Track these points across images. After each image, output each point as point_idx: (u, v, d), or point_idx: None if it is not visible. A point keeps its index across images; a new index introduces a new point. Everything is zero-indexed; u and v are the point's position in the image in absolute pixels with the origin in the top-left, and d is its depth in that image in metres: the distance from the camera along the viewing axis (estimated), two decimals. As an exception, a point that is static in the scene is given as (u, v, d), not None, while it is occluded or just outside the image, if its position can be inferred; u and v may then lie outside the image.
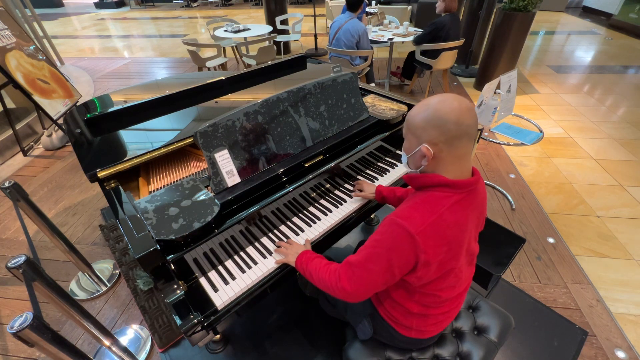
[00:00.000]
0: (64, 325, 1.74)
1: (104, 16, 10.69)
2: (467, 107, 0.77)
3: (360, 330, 1.13)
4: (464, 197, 0.82)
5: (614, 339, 1.60)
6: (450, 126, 0.75)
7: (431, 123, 0.77)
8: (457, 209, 0.80)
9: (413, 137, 0.83)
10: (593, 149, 3.05)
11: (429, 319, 0.98)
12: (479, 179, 0.85)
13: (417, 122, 0.80)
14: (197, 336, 1.00)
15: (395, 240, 0.80)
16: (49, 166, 3.06)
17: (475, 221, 0.89)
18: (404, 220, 0.78)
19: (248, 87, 1.80)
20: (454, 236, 0.81)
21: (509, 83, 2.16)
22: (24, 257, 1.03)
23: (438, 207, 0.79)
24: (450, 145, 0.78)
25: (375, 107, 1.64)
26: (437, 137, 0.77)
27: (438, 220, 0.78)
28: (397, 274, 0.83)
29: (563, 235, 2.16)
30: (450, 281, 0.90)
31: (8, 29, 3.14)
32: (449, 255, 0.82)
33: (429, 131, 0.78)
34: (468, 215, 0.84)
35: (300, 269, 1.04)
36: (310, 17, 7.87)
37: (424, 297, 0.93)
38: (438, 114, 0.76)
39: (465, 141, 0.78)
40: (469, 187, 0.82)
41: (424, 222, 0.78)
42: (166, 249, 0.97)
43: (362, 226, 2.26)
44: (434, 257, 0.80)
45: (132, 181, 1.36)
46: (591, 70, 4.85)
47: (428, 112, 0.78)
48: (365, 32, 3.45)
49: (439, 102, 0.78)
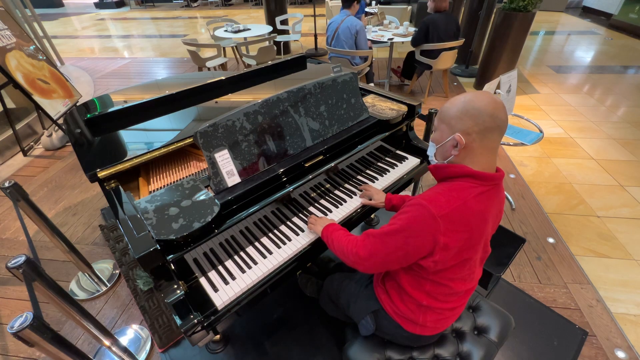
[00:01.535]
0: (64, 325, 1.74)
1: (104, 16, 10.69)
2: (501, 103, 0.80)
3: (363, 326, 1.13)
4: (488, 189, 0.84)
5: (614, 339, 1.60)
6: (486, 117, 0.78)
7: (468, 113, 0.80)
8: (481, 199, 0.83)
9: (447, 127, 0.85)
10: (593, 149, 3.05)
11: (434, 314, 0.98)
12: (502, 176, 0.87)
13: (453, 112, 0.83)
14: (197, 336, 1.00)
15: (417, 220, 0.82)
16: (49, 166, 3.06)
17: (494, 218, 0.90)
18: (428, 202, 0.81)
19: (248, 87, 1.80)
20: (477, 225, 0.83)
21: (509, 83, 2.16)
22: (24, 257, 1.03)
23: (464, 194, 0.82)
24: (482, 137, 0.80)
25: (375, 107, 1.64)
26: (472, 127, 0.80)
27: (463, 206, 0.80)
28: (411, 254, 0.85)
29: (563, 235, 2.16)
30: (464, 272, 0.91)
31: (8, 29, 3.14)
32: (468, 244, 0.84)
33: (464, 120, 0.80)
34: (490, 209, 0.85)
35: (325, 237, 1.12)
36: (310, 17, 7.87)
37: (434, 287, 0.93)
38: (474, 105, 0.79)
39: (496, 134, 0.80)
40: (494, 180, 0.84)
41: (450, 206, 0.80)
42: (166, 249, 0.97)
43: (362, 226, 2.27)
44: (454, 242, 0.81)
45: (132, 181, 1.36)
46: (591, 70, 4.85)
47: (464, 104, 0.81)
48: (363, 28, 3.46)
49: (475, 95, 0.81)
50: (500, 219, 0.97)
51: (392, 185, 1.51)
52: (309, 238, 1.23)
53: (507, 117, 0.82)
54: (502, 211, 0.95)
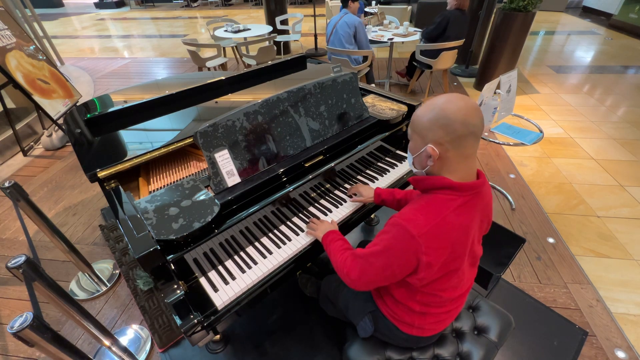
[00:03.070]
0: (64, 325, 1.74)
1: (104, 16, 10.69)
2: (473, 107, 0.76)
3: (361, 327, 1.13)
4: (468, 199, 0.82)
5: (614, 339, 1.60)
6: (457, 126, 0.75)
7: (437, 123, 0.77)
8: (461, 211, 0.81)
9: (419, 137, 0.83)
10: (593, 149, 3.05)
11: (430, 317, 0.98)
12: (485, 182, 0.85)
13: (423, 122, 0.80)
14: (197, 336, 1.00)
15: (397, 241, 0.81)
16: (49, 166, 3.06)
17: (480, 224, 0.89)
18: (406, 222, 0.79)
19: (248, 87, 1.80)
20: (458, 238, 0.81)
21: (509, 83, 2.16)
22: (24, 257, 1.03)
23: (442, 209, 0.79)
24: (456, 145, 0.77)
25: (375, 107, 1.64)
26: (443, 137, 0.77)
27: (442, 222, 0.78)
28: (397, 273, 0.85)
29: (563, 235, 2.16)
30: (452, 282, 0.90)
31: (8, 29, 3.14)
32: (452, 257, 0.83)
33: (435, 131, 0.78)
34: (473, 218, 0.84)
35: (324, 245, 1.12)
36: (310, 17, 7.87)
37: (425, 297, 0.93)
38: (444, 114, 0.76)
39: (471, 141, 0.77)
40: (474, 189, 0.82)
41: (428, 224, 0.78)
42: (166, 249, 0.97)
43: (362, 226, 2.26)
44: (437, 259, 0.80)
45: (132, 181, 1.36)
46: (591, 70, 4.85)
47: (434, 112, 0.78)
48: (361, 24, 3.47)
49: (445, 102, 0.77)
50: (490, 219, 0.96)
51: (392, 185, 1.51)
52: (309, 238, 1.23)
53: (482, 121, 0.78)
54: (490, 212, 0.93)
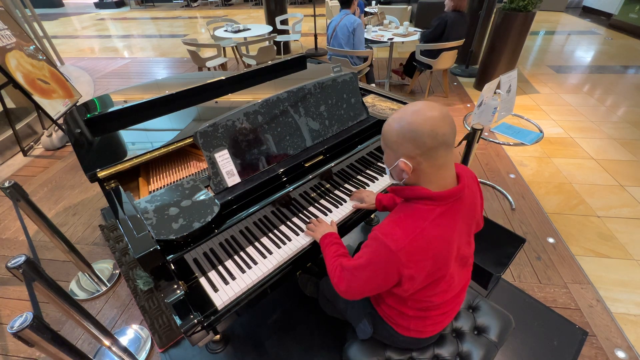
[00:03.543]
0: (64, 325, 1.74)
1: (104, 16, 10.69)
2: (441, 116, 0.74)
3: (360, 330, 1.13)
4: (447, 208, 0.80)
5: (614, 339, 1.60)
6: (425, 139, 0.73)
7: (406, 137, 0.75)
8: (440, 221, 0.79)
9: (390, 151, 0.81)
10: (593, 149, 3.05)
11: (427, 320, 0.98)
12: (464, 187, 0.82)
13: (392, 136, 0.79)
14: (197, 336, 1.00)
15: (378, 256, 0.80)
16: (49, 166, 3.06)
17: (465, 227, 0.87)
18: (385, 237, 0.78)
19: (248, 87, 1.81)
20: (438, 250, 0.80)
21: (509, 83, 2.16)
22: (24, 257, 1.03)
23: (421, 221, 0.78)
24: (428, 157, 0.76)
25: (375, 107, 1.64)
26: (413, 151, 0.75)
27: (419, 236, 0.77)
28: (382, 286, 0.85)
29: (563, 235, 2.16)
30: (441, 287, 0.89)
31: (8, 29, 3.14)
32: (435, 267, 0.81)
33: (404, 145, 0.76)
34: (454, 226, 0.82)
35: (321, 248, 1.11)
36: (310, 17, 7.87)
37: (416, 303, 0.93)
38: (412, 127, 0.74)
39: (442, 151, 0.75)
40: (452, 197, 0.80)
41: (406, 237, 0.77)
42: (166, 249, 0.97)
43: (362, 226, 2.26)
44: (418, 272, 0.79)
45: (132, 181, 1.36)
46: (591, 70, 4.85)
47: (401, 126, 0.76)
48: (361, 25, 3.46)
49: (412, 114, 0.75)
50: (479, 218, 0.93)
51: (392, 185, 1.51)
52: (309, 238, 1.23)
53: (453, 128, 0.75)
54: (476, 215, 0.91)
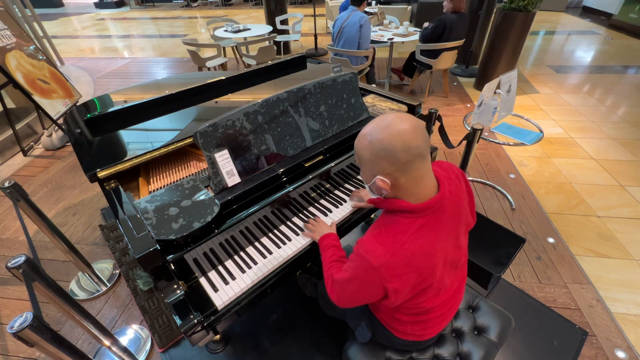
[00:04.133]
0: (64, 325, 1.74)
1: (104, 16, 10.69)
2: (412, 127, 0.72)
3: (359, 333, 1.13)
4: (428, 219, 0.79)
5: (614, 339, 1.60)
6: (399, 154, 0.72)
7: (379, 155, 0.74)
8: (421, 234, 0.78)
9: (366, 169, 0.81)
10: (593, 149, 3.05)
11: (423, 324, 0.98)
12: (445, 193, 0.80)
13: (365, 156, 0.78)
14: (197, 336, 1.00)
15: (361, 272, 0.80)
16: (49, 166, 3.06)
17: (452, 233, 0.86)
18: (367, 254, 0.77)
19: (248, 87, 1.80)
20: (421, 262, 0.78)
21: (509, 83, 2.16)
22: (24, 257, 1.03)
23: (400, 235, 0.77)
24: (404, 172, 0.75)
25: (375, 107, 1.64)
26: (388, 167, 0.74)
27: (400, 250, 0.76)
28: (369, 299, 0.86)
29: (563, 235, 2.16)
30: (429, 294, 0.88)
31: (8, 29, 3.14)
32: (419, 279, 0.80)
33: (379, 163, 0.75)
34: (437, 236, 0.80)
35: (320, 249, 1.11)
36: (310, 17, 7.87)
37: (409, 310, 0.93)
38: (383, 145, 0.72)
39: (418, 163, 0.74)
40: (432, 208, 0.78)
41: (386, 253, 0.75)
42: (166, 249, 0.97)
43: (362, 226, 2.26)
44: (402, 285, 0.78)
45: (132, 181, 1.36)
46: (591, 70, 4.85)
47: (373, 145, 0.74)
48: (368, 21, 3.47)
49: (382, 130, 0.73)
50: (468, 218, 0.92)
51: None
52: (309, 238, 1.23)
53: (425, 139, 0.74)
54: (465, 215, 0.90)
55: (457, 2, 3.53)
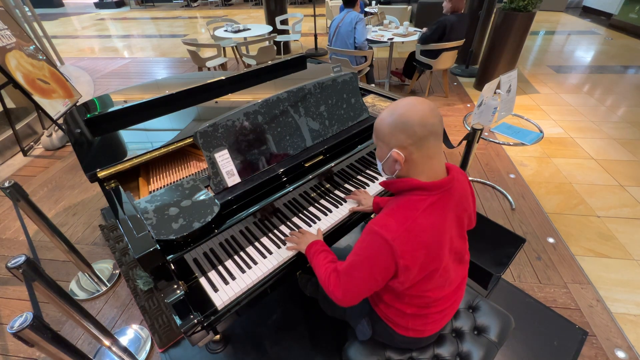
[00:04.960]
0: (64, 325, 1.74)
1: (104, 16, 10.69)
2: (429, 108, 0.79)
3: (360, 331, 1.13)
4: (439, 197, 0.82)
5: (614, 339, 1.60)
6: (416, 128, 0.77)
7: (397, 128, 0.79)
8: (432, 211, 0.81)
9: (383, 144, 0.85)
10: (593, 149, 3.05)
11: (425, 319, 0.99)
12: (454, 177, 0.85)
13: (384, 129, 0.82)
14: (197, 336, 1.00)
15: (374, 248, 0.82)
16: (49, 166, 3.06)
17: (456, 219, 0.89)
18: (380, 228, 0.81)
19: (248, 87, 1.80)
20: (431, 239, 0.82)
21: (509, 83, 2.16)
22: (24, 257, 1.03)
23: (413, 211, 0.81)
24: (419, 147, 0.79)
25: (375, 107, 1.64)
26: (405, 140, 0.79)
27: (413, 225, 0.79)
28: (379, 280, 0.85)
29: (563, 235, 2.16)
30: (436, 282, 0.90)
31: (8, 29, 3.14)
32: (429, 258, 0.83)
33: (396, 136, 0.80)
34: (445, 216, 0.84)
35: (309, 259, 1.09)
36: (310, 17, 7.87)
37: (413, 299, 0.94)
38: (402, 119, 0.78)
39: (432, 140, 0.79)
40: (443, 187, 0.83)
41: (399, 227, 0.79)
42: (166, 249, 0.97)
43: (362, 226, 2.26)
44: (413, 262, 0.81)
45: (132, 181, 1.36)
46: (591, 70, 4.85)
47: (393, 118, 0.80)
48: (362, 19, 3.49)
49: (401, 107, 0.80)
50: (470, 212, 0.95)
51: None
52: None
53: (440, 120, 0.80)
54: (469, 207, 0.93)
55: (456, 2, 3.53)
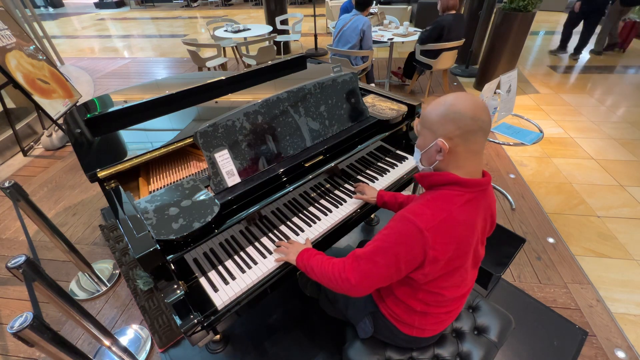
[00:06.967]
0: (64, 325, 1.74)
1: (104, 16, 10.69)
2: (482, 104, 0.79)
3: (361, 328, 1.13)
4: (474, 196, 0.82)
5: (614, 339, 1.60)
6: (467, 120, 0.77)
7: (448, 117, 0.79)
8: (467, 208, 0.81)
9: (429, 132, 0.84)
10: (593, 149, 3.05)
11: (430, 318, 0.98)
12: (490, 180, 0.86)
13: (434, 117, 0.82)
14: (197, 336, 1.00)
15: (405, 235, 0.80)
16: (49, 166, 3.06)
17: (483, 223, 0.89)
18: (414, 216, 0.80)
19: (248, 87, 1.80)
20: (463, 235, 0.82)
21: (509, 83, 2.16)
22: (24, 257, 1.03)
23: (449, 204, 0.80)
24: (466, 140, 0.79)
25: (375, 107, 1.64)
26: (453, 131, 0.78)
27: (448, 218, 0.79)
28: (403, 269, 0.83)
29: (563, 235, 2.16)
30: (455, 280, 0.90)
31: (8, 29, 3.14)
32: (457, 254, 0.83)
33: (445, 125, 0.79)
34: (477, 216, 0.84)
35: (302, 266, 1.03)
36: (310, 17, 7.87)
37: (427, 296, 0.93)
38: (455, 109, 0.78)
39: (480, 136, 0.79)
40: (480, 186, 0.83)
41: (435, 218, 0.79)
42: (166, 249, 0.97)
43: (362, 226, 2.26)
44: (443, 254, 0.81)
45: (132, 181, 1.36)
46: (591, 71, 4.85)
47: (445, 107, 0.80)
48: (370, 27, 3.47)
49: (455, 98, 0.80)
50: (494, 221, 0.96)
51: (392, 185, 1.51)
52: (311, 236, 1.23)
53: (490, 118, 0.80)
54: (494, 214, 0.94)
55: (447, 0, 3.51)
